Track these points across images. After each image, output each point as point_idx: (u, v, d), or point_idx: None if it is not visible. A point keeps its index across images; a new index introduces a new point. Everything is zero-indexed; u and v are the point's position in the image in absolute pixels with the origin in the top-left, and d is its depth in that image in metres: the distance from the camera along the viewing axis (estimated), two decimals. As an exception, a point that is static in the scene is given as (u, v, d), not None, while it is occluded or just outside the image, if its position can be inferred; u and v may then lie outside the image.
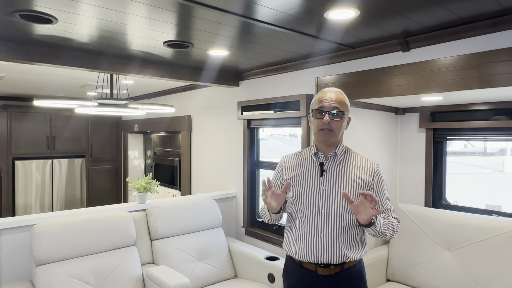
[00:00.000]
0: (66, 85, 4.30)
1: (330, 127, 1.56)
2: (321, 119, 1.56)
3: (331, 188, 1.59)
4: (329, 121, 1.55)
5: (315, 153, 1.65)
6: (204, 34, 2.16)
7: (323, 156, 1.64)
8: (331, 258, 1.55)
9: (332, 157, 1.63)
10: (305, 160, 1.69)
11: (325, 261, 1.55)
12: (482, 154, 3.37)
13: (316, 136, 1.63)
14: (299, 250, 1.60)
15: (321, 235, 1.56)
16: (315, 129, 1.60)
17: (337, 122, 1.56)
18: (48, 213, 2.61)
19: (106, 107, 3.08)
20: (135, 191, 2.98)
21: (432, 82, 2.03)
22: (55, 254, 2.34)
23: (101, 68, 2.76)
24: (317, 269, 1.57)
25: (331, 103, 1.56)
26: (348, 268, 1.59)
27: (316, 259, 1.56)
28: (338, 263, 1.56)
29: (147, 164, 6.13)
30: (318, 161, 1.64)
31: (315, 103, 1.62)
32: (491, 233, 2.29)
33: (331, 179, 1.60)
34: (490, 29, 1.85)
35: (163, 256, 2.78)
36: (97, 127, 6.07)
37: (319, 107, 1.58)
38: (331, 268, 1.56)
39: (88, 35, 2.22)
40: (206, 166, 4.16)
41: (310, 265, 1.59)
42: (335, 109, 1.56)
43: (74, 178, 5.96)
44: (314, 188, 1.61)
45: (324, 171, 1.61)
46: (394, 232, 1.59)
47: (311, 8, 1.72)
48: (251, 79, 3.47)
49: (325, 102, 1.57)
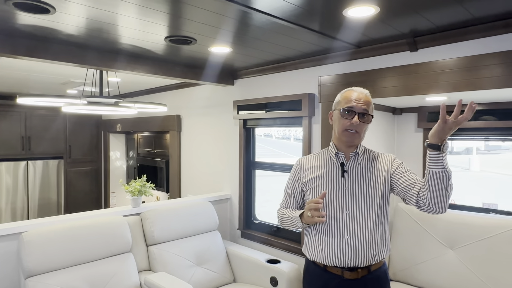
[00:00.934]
0: (46, 82, 4.04)
1: (356, 129, 1.52)
2: (349, 119, 1.52)
3: (354, 188, 1.55)
4: (358, 122, 1.51)
5: (336, 153, 1.60)
6: (205, 28, 2.04)
7: (343, 156, 1.59)
8: (359, 260, 1.50)
9: (353, 157, 1.59)
10: (324, 161, 1.64)
11: (353, 264, 1.51)
12: (449, 153, 3.48)
13: (339, 136, 1.59)
14: (324, 254, 1.55)
15: (347, 237, 1.51)
16: (340, 128, 1.56)
17: (363, 124, 1.53)
18: (37, 220, 2.42)
19: (96, 106, 2.90)
20: (129, 194, 2.82)
21: (440, 83, 2.03)
22: (46, 264, 2.16)
23: (93, 64, 2.60)
24: (343, 273, 1.52)
25: (361, 104, 1.52)
26: (375, 270, 1.55)
27: (343, 262, 1.51)
28: (365, 266, 1.52)
29: (129, 165, 5.90)
30: (338, 161, 1.60)
31: (343, 102, 1.56)
32: (494, 231, 2.33)
33: (354, 179, 1.56)
34: (503, 30, 1.87)
35: (161, 262, 2.65)
36: (76, 126, 5.77)
37: (349, 107, 1.52)
38: (358, 272, 1.52)
39: (83, 28, 2.06)
40: (197, 167, 4.04)
41: (336, 269, 1.54)
42: (365, 111, 1.52)
43: (49, 181, 5.63)
44: (336, 189, 1.56)
45: (345, 171, 1.57)
46: (451, 184, 1.39)
47: (329, 5, 1.67)
48: (247, 77, 3.38)
49: (354, 102, 1.52)
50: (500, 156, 4.88)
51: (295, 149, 5.68)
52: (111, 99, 2.95)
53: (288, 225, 1.67)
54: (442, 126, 1.29)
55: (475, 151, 4.62)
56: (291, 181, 1.73)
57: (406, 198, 1.51)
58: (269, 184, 3.80)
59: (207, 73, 3.25)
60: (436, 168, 1.35)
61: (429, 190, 1.38)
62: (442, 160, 1.34)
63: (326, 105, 2.53)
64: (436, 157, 1.34)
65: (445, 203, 1.39)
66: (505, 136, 2.69)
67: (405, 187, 1.50)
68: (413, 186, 1.48)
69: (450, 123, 1.27)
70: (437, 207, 1.39)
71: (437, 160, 1.34)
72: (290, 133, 6.56)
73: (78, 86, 4.27)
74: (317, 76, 2.59)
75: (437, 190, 1.36)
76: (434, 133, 1.32)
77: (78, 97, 2.82)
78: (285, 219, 1.68)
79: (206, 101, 3.90)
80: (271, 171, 3.35)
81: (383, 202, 1.56)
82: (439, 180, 1.35)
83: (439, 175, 1.35)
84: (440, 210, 1.40)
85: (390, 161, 1.60)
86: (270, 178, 3.65)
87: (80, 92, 4.67)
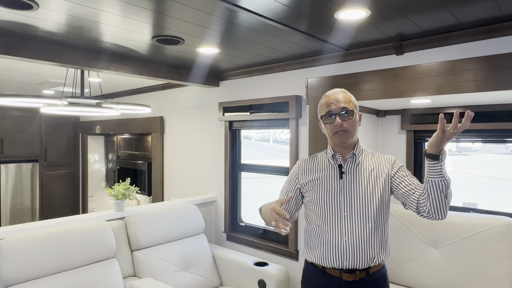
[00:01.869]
0: (22, 82, 3.87)
1: (343, 128, 1.52)
2: (333, 123, 1.52)
3: (353, 189, 1.54)
4: (341, 122, 1.51)
5: (333, 155, 1.60)
6: (193, 27, 2.00)
7: (341, 158, 1.60)
8: (357, 262, 1.50)
9: (350, 158, 1.59)
10: (322, 163, 1.64)
11: (351, 266, 1.50)
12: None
13: (332, 141, 1.60)
14: (322, 255, 1.54)
15: (346, 238, 1.51)
16: (330, 134, 1.57)
17: (349, 121, 1.52)
18: (15, 226, 2.31)
19: (77, 107, 2.80)
20: (112, 198, 2.73)
21: (425, 86, 2.09)
22: (26, 273, 2.06)
23: (75, 63, 2.50)
24: (341, 275, 1.52)
25: (338, 104, 1.53)
26: (374, 273, 1.54)
27: (342, 264, 1.51)
28: (364, 268, 1.51)
29: (109, 168, 5.74)
30: (336, 163, 1.59)
31: (322, 109, 1.58)
32: (475, 229, 2.41)
33: (352, 180, 1.56)
34: (485, 36, 1.94)
35: (146, 268, 2.58)
36: (53, 128, 5.56)
37: (328, 112, 1.54)
38: (356, 274, 1.51)
39: (65, 25, 1.98)
40: (181, 170, 3.97)
41: (334, 271, 1.53)
42: (344, 110, 1.52)
43: (22, 185, 5.39)
44: (334, 191, 1.56)
45: (343, 173, 1.57)
46: (450, 191, 1.39)
47: (321, 7, 1.67)
48: (233, 79, 3.36)
49: (332, 105, 1.53)
50: (471, 157, 5.10)
51: (274, 151, 5.69)
52: (93, 99, 2.86)
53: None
54: (441, 137, 1.31)
55: (447, 152, 4.83)
56: (288, 183, 1.72)
57: (406, 203, 1.51)
58: (251, 186, 3.79)
59: (193, 74, 3.21)
60: (435, 177, 1.36)
61: (428, 198, 1.39)
62: (441, 169, 1.35)
63: (313, 107, 2.54)
64: (435, 167, 1.35)
65: (445, 210, 1.40)
66: (476, 138, 2.80)
67: (405, 192, 1.50)
68: (414, 191, 1.48)
69: (449, 134, 1.29)
70: (437, 214, 1.40)
71: (435, 170, 1.35)
72: (269, 135, 6.54)
73: (55, 87, 4.11)
74: (305, 78, 2.60)
75: (437, 198, 1.37)
76: (433, 143, 1.33)
77: (58, 98, 2.72)
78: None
79: (190, 103, 3.85)
80: (253, 173, 3.34)
81: (383, 203, 1.55)
82: (438, 189, 1.36)
83: (438, 184, 1.36)
84: (440, 217, 1.41)
85: (391, 164, 1.58)
86: (252, 180, 3.64)
87: (57, 93, 4.51)
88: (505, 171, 4.31)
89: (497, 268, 2.29)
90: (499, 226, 2.34)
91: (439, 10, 1.73)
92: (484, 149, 5.27)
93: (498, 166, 5.07)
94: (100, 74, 3.30)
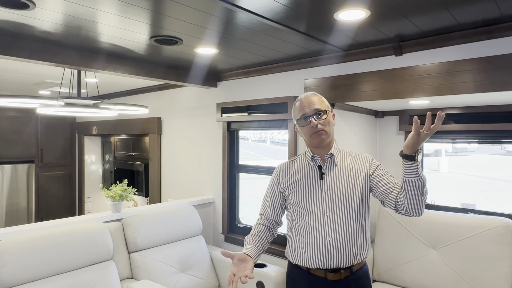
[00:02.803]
0: (17, 82, 3.84)
1: (320, 128, 1.56)
2: (309, 125, 1.56)
3: (333, 189, 1.58)
4: (317, 123, 1.55)
5: (312, 157, 1.63)
6: (191, 27, 1.99)
7: (319, 159, 1.63)
8: (342, 261, 1.53)
9: (329, 158, 1.63)
10: (301, 165, 1.67)
11: (335, 265, 1.53)
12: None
13: (310, 142, 1.63)
14: (307, 256, 1.56)
15: (329, 238, 1.53)
16: (307, 135, 1.60)
17: (324, 121, 1.57)
18: (11, 228, 2.28)
19: (74, 107, 2.78)
20: (109, 199, 2.71)
21: (424, 87, 2.08)
22: (23, 275, 2.03)
23: (72, 64, 2.48)
24: (326, 275, 1.55)
25: (311, 106, 1.57)
26: (357, 271, 1.59)
27: (326, 264, 1.53)
28: (347, 267, 1.55)
29: (105, 169, 5.71)
30: (316, 164, 1.62)
31: (297, 113, 1.61)
32: (474, 231, 2.41)
33: (332, 180, 1.59)
34: (484, 36, 1.94)
35: (144, 270, 2.56)
36: (49, 129, 5.51)
37: (302, 115, 1.58)
38: (341, 273, 1.55)
39: (62, 25, 1.96)
40: (179, 171, 3.95)
41: (319, 271, 1.56)
42: (317, 110, 1.57)
43: (18, 186, 5.34)
44: (316, 192, 1.59)
45: (323, 174, 1.60)
46: (426, 189, 1.46)
47: (321, 7, 1.67)
48: (231, 80, 3.35)
49: (305, 108, 1.57)
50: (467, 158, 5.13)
51: (271, 152, 5.70)
52: (90, 100, 2.83)
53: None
54: (416, 138, 1.35)
55: (443, 153, 4.83)
56: (270, 188, 1.75)
57: (385, 201, 1.56)
58: (249, 186, 3.78)
59: (191, 75, 3.19)
60: (411, 177, 1.40)
61: (406, 196, 1.44)
62: (417, 169, 1.39)
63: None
64: (411, 167, 1.40)
65: (422, 207, 1.46)
66: (472, 139, 2.80)
67: (384, 191, 1.54)
68: (392, 190, 1.52)
69: (423, 135, 1.34)
70: (414, 211, 1.46)
71: (412, 170, 1.40)
72: (266, 136, 6.54)
73: (52, 87, 4.08)
74: (303, 79, 2.60)
75: (414, 197, 1.43)
76: (409, 145, 1.37)
77: (55, 98, 2.69)
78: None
79: (188, 103, 3.83)
80: (252, 174, 3.33)
81: (363, 202, 1.59)
82: (415, 187, 1.41)
83: (415, 183, 1.41)
84: (416, 214, 1.47)
85: (369, 162, 1.63)
86: (250, 181, 3.63)
87: (53, 93, 4.47)
88: (501, 171, 4.33)
89: (496, 269, 2.29)
90: (498, 227, 2.34)
91: (438, 11, 1.73)
92: (480, 149, 5.28)
93: (494, 167, 5.09)
94: (97, 75, 3.27)
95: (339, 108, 2.54)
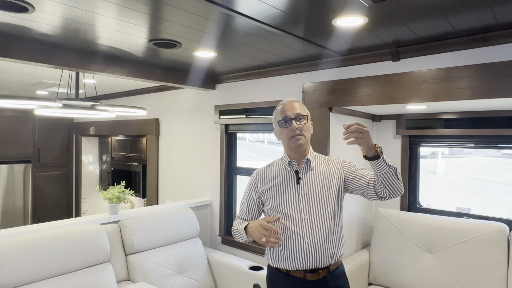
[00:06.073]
0: (15, 83, 3.83)
1: (299, 132, 1.61)
2: (289, 127, 1.60)
3: (310, 193, 1.62)
4: (297, 126, 1.59)
5: (289, 162, 1.67)
6: (190, 31, 2.00)
7: (296, 164, 1.67)
8: (320, 261, 1.58)
9: (305, 163, 1.67)
10: (279, 170, 1.71)
11: (314, 266, 1.58)
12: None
13: (288, 145, 1.67)
14: (286, 259, 1.60)
15: (308, 241, 1.57)
16: (286, 138, 1.65)
17: (304, 125, 1.62)
18: (7, 230, 2.28)
19: (72, 109, 2.78)
20: (107, 201, 2.71)
21: (421, 92, 2.10)
22: (19, 277, 2.03)
23: (71, 66, 2.48)
24: (305, 276, 1.59)
25: (293, 110, 1.63)
26: (334, 270, 1.64)
27: (305, 265, 1.58)
28: (325, 267, 1.60)
29: (103, 170, 5.70)
30: (292, 169, 1.66)
31: (278, 115, 1.66)
32: (470, 235, 2.43)
33: (308, 185, 1.64)
34: (481, 44, 1.96)
35: (141, 272, 2.56)
36: (46, 129, 5.50)
37: (283, 117, 1.63)
38: (319, 273, 1.59)
39: (61, 27, 1.97)
40: (176, 172, 3.95)
41: (299, 273, 1.60)
42: (299, 115, 1.62)
43: (14, 186, 5.33)
44: (293, 196, 1.63)
45: (300, 178, 1.64)
46: (398, 172, 1.56)
47: (319, 13, 1.68)
48: (229, 82, 3.36)
49: (288, 111, 1.63)
50: (463, 160, 5.17)
51: (269, 152, 5.71)
52: (88, 101, 2.83)
53: (238, 237, 1.72)
54: (362, 144, 1.46)
55: (440, 155, 4.85)
56: (247, 192, 1.78)
57: (365, 195, 1.62)
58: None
59: (189, 77, 3.20)
60: (383, 170, 1.49)
61: (385, 186, 1.53)
62: (384, 162, 1.47)
63: (309, 112, 2.53)
64: (379, 163, 1.48)
65: (401, 187, 1.55)
66: (470, 144, 2.82)
67: (360, 185, 1.61)
68: (368, 183, 1.59)
69: (360, 140, 1.44)
70: (396, 193, 1.55)
71: (381, 164, 1.48)
72: (264, 137, 6.55)
73: (49, 87, 4.08)
74: (301, 83, 2.61)
75: (392, 183, 1.52)
76: (367, 149, 1.46)
77: (53, 100, 2.69)
78: (235, 231, 1.73)
79: (186, 105, 3.84)
80: (249, 176, 3.33)
81: (338, 203, 1.65)
82: (389, 175, 1.50)
83: (388, 173, 1.49)
84: (399, 194, 1.56)
85: (340, 164, 1.70)
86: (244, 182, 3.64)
87: (52, 94, 4.46)
88: (497, 173, 4.36)
89: (491, 273, 2.31)
90: (493, 232, 2.36)
91: (435, 17, 1.75)
92: (476, 152, 5.30)
93: (490, 169, 5.12)
94: (95, 76, 3.27)
95: (337, 112, 2.55)
